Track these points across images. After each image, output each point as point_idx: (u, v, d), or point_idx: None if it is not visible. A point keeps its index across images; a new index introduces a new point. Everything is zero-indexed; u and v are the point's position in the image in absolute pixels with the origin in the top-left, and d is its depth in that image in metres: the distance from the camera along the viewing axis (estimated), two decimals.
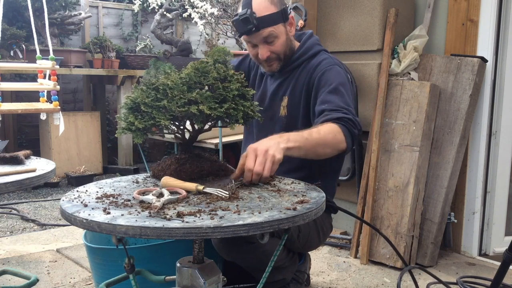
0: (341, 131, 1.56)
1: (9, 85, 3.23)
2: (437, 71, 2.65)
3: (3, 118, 3.91)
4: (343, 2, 2.84)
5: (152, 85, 1.41)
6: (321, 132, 1.53)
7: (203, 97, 1.36)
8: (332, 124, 1.58)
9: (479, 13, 2.59)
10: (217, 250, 1.71)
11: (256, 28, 1.73)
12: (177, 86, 1.37)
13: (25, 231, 3.25)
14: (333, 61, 1.84)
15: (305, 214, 1.17)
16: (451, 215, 2.63)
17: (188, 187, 1.31)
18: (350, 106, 1.69)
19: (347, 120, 1.60)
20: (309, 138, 1.50)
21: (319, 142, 1.52)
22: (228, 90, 1.40)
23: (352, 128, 1.61)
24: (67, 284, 2.33)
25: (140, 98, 1.40)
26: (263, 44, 1.79)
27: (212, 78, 1.40)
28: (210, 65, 1.44)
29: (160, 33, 5.08)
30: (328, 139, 1.54)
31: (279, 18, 1.77)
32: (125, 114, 1.44)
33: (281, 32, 1.79)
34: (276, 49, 1.81)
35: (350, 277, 2.42)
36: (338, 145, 1.56)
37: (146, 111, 1.38)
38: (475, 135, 2.66)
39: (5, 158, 1.78)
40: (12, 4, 4.56)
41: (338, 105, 1.66)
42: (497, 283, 1.64)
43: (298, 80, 1.86)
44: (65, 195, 1.30)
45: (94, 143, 4.96)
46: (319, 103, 1.72)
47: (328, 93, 1.72)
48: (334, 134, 1.55)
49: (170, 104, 1.35)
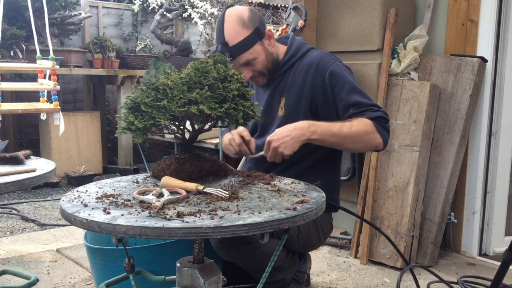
0: (375, 129, 1.65)
1: (9, 85, 3.24)
2: (437, 71, 2.65)
3: (3, 118, 3.91)
4: (343, 2, 2.84)
5: (152, 85, 1.41)
6: (353, 129, 1.62)
7: (203, 97, 1.36)
8: (365, 120, 1.66)
9: (479, 13, 2.60)
10: (215, 251, 1.71)
11: (232, 56, 1.75)
12: (177, 86, 1.37)
13: (25, 231, 3.25)
14: (331, 58, 1.85)
15: (305, 214, 1.17)
16: (451, 215, 2.63)
17: (188, 187, 1.32)
18: (371, 102, 1.75)
19: (378, 117, 1.68)
20: (337, 132, 1.61)
21: (347, 137, 1.62)
22: (228, 90, 1.41)
23: (384, 124, 1.69)
24: (67, 284, 2.33)
25: (140, 98, 1.40)
26: (243, 67, 1.82)
27: (212, 78, 1.40)
28: (210, 65, 1.44)
29: (160, 33, 5.08)
30: (359, 136, 1.63)
31: (254, 39, 1.78)
32: (125, 114, 1.43)
33: (258, 52, 1.80)
34: (257, 68, 1.83)
35: (350, 277, 2.42)
36: (372, 141, 1.65)
37: (146, 111, 1.38)
38: (475, 135, 2.66)
39: (5, 158, 1.78)
40: (12, 4, 4.56)
41: (364, 103, 1.72)
42: (497, 283, 1.64)
43: (294, 79, 1.86)
44: (65, 195, 1.31)
45: (94, 143, 4.96)
46: (344, 107, 1.75)
47: (348, 94, 1.75)
48: (366, 131, 1.64)
49: (170, 104, 1.35)
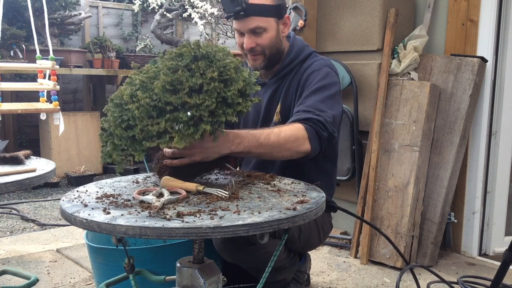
0: (305, 134, 1.52)
1: (9, 85, 3.24)
2: (437, 71, 2.65)
3: (3, 118, 3.91)
4: (343, 2, 2.84)
5: (120, 105, 1.24)
6: (281, 135, 1.49)
7: (174, 129, 1.21)
8: (298, 125, 1.54)
9: (479, 13, 2.59)
10: (218, 252, 1.70)
11: (245, 12, 1.67)
12: (145, 111, 1.19)
13: (25, 231, 3.25)
14: (324, 63, 1.81)
15: (305, 214, 1.17)
16: (451, 215, 2.63)
17: (188, 187, 1.31)
18: (328, 109, 1.62)
19: (316, 121, 1.55)
20: (264, 142, 1.47)
21: (275, 146, 1.49)
22: (203, 108, 1.21)
23: (321, 131, 1.55)
24: (67, 284, 2.33)
25: (113, 127, 1.25)
26: (249, 34, 1.73)
27: (187, 91, 1.19)
28: (182, 68, 1.23)
29: (160, 33, 5.09)
30: (288, 143, 1.50)
31: (272, 12, 1.73)
32: (104, 139, 1.31)
33: (271, 27, 1.74)
34: (263, 42, 1.75)
35: (350, 277, 2.42)
36: (298, 147, 1.51)
37: (118, 144, 1.26)
38: (475, 135, 2.66)
39: (5, 158, 1.78)
40: (12, 4, 4.57)
41: (313, 106, 1.61)
42: (497, 283, 1.64)
43: (291, 84, 1.83)
44: (65, 195, 1.31)
45: (94, 143, 4.96)
46: (299, 103, 1.68)
47: (310, 93, 1.68)
48: (295, 137, 1.51)
49: (141, 135, 1.22)
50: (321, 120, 1.56)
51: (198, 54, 1.27)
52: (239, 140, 1.44)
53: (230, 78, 1.27)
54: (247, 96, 1.33)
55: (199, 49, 1.27)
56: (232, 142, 1.43)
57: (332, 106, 1.66)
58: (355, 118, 2.74)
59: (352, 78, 2.76)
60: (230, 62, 1.29)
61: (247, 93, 1.33)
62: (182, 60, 1.26)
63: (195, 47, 1.28)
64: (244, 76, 1.30)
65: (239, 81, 1.28)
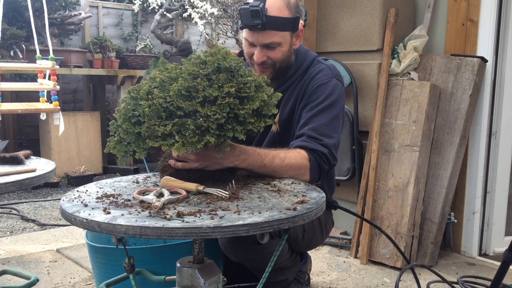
0: (308, 165, 1.56)
1: (9, 85, 3.24)
2: (437, 71, 2.65)
3: (3, 118, 3.91)
4: (343, 2, 2.84)
5: (136, 98, 1.25)
6: (286, 161, 1.53)
7: (180, 135, 1.21)
8: (304, 154, 1.57)
9: (479, 13, 2.59)
10: (224, 251, 1.69)
11: (263, 26, 1.61)
12: (156, 110, 1.20)
13: (25, 231, 3.25)
14: (331, 73, 1.76)
15: (305, 214, 1.17)
16: (451, 215, 2.63)
17: (188, 187, 1.31)
18: (333, 132, 1.65)
19: (321, 154, 1.59)
20: (268, 164, 1.50)
21: (277, 170, 1.52)
22: (213, 120, 1.21)
23: (323, 164, 1.59)
24: (67, 284, 2.33)
25: (121, 120, 1.26)
26: (262, 48, 1.68)
27: (201, 100, 1.20)
28: (203, 76, 1.24)
29: (160, 33, 5.09)
30: (290, 170, 1.53)
31: (289, 25, 1.68)
32: (113, 129, 1.32)
33: (285, 41, 1.69)
34: (275, 56, 1.70)
35: (350, 277, 2.42)
36: (298, 176, 1.55)
37: (123, 138, 1.27)
38: (475, 135, 2.66)
39: (5, 158, 1.78)
40: (12, 4, 4.57)
41: (319, 130, 1.63)
42: (497, 283, 1.64)
43: (293, 92, 1.78)
44: (65, 195, 1.31)
45: (94, 143, 4.96)
46: (303, 121, 1.67)
47: (316, 113, 1.67)
48: (298, 166, 1.55)
49: (146, 133, 1.22)
50: (326, 153, 1.60)
51: (222, 66, 1.28)
52: (245, 157, 1.47)
53: (248, 97, 1.28)
54: (263, 116, 1.33)
55: (224, 61, 1.28)
56: (237, 157, 1.45)
57: (337, 128, 1.69)
58: (355, 118, 2.74)
59: (352, 78, 2.76)
60: (253, 80, 1.29)
61: (263, 113, 1.33)
62: (204, 68, 1.27)
63: (220, 57, 1.28)
64: (262, 97, 1.30)
65: (256, 101, 1.28)
